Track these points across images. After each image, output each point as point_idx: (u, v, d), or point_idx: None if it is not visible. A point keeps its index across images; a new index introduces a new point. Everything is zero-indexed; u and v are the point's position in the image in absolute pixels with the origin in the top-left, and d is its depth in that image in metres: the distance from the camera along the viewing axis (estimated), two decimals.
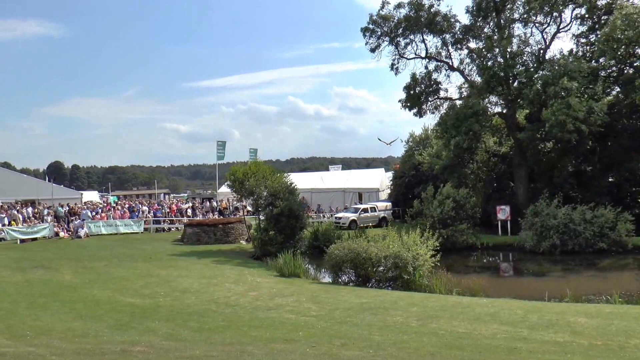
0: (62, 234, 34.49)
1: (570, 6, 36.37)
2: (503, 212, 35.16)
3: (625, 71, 34.06)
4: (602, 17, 36.01)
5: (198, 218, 41.22)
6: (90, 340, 10.53)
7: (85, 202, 43.67)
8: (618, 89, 35.28)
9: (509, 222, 34.82)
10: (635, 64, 31.62)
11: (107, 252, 27.78)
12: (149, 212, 41.20)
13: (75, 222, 35.54)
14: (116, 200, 56.04)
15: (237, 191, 32.27)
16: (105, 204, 45.26)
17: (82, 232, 34.29)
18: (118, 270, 21.94)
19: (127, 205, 43.90)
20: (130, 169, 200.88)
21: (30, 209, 35.64)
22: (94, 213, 38.22)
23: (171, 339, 10.68)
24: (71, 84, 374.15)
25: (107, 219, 38.03)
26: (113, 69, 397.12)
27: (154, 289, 17.77)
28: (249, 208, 39.01)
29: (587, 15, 36.94)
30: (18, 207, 35.44)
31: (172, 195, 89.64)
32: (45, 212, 36.17)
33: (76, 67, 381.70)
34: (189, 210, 43.75)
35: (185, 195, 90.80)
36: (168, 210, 42.81)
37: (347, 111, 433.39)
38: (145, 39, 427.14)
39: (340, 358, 8.82)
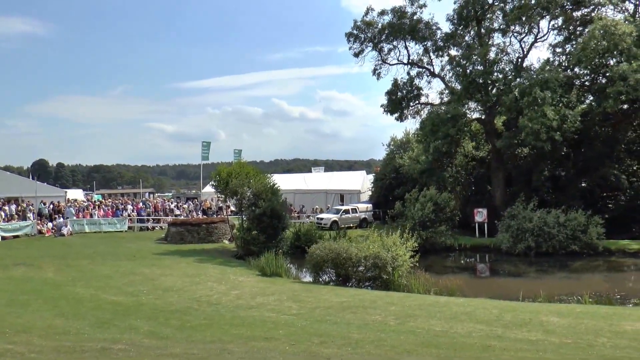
0: (44, 229, 34.50)
1: (547, 17, 37.02)
2: (480, 215, 35.63)
3: (598, 80, 34.79)
4: (578, 28, 36.82)
5: (182, 217, 41.29)
6: (71, 338, 10.51)
7: (68, 200, 43.50)
8: (591, 98, 35.98)
9: (486, 225, 35.29)
10: (607, 74, 32.28)
11: (90, 250, 27.75)
12: (132, 211, 41.21)
13: (59, 220, 35.47)
14: (100, 198, 55.77)
15: (221, 191, 32.40)
16: (89, 202, 45.14)
17: (65, 230, 34.26)
18: (101, 269, 21.93)
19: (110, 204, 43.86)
20: (116, 168, 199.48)
21: (13, 206, 35.38)
22: (77, 211, 38.16)
23: (152, 337, 10.75)
24: (57, 82, 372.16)
25: (90, 217, 38.00)
26: (100, 67, 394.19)
27: (137, 287, 17.84)
28: (232, 208, 39.11)
29: (563, 26, 37.70)
30: (0, 205, 35.24)
31: (156, 194, 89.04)
32: (28, 209, 36.02)
33: (62, 65, 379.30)
34: (175, 209, 43.83)
35: (170, 194, 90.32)
36: (152, 209, 42.84)
37: (332, 114, 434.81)
38: (132, 38, 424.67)
39: (319, 356, 8.98)
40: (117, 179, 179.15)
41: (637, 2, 36.13)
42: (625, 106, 32.50)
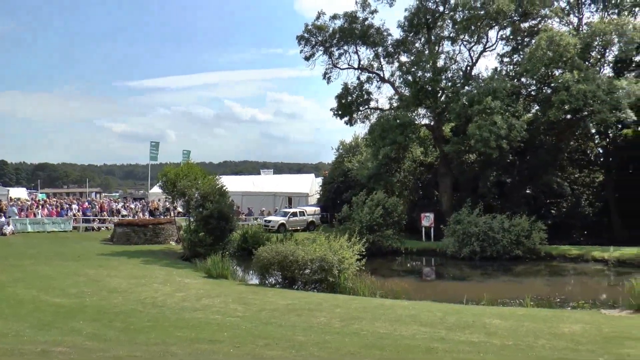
0: None
1: (496, 28, 37.96)
2: (427, 219, 36.12)
3: (544, 90, 35.87)
4: (525, 39, 37.92)
5: (129, 218, 40.59)
6: (9, 340, 10.29)
7: (11, 199, 42.27)
8: (537, 107, 37.08)
9: (432, 229, 35.79)
10: (552, 84, 33.29)
11: (34, 251, 27.03)
12: (78, 211, 40.29)
13: (0, 219, 34.37)
14: (45, 197, 54.38)
15: (169, 192, 32.02)
16: (33, 201, 43.98)
17: (7, 230, 33.25)
18: (45, 269, 21.34)
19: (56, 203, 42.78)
20: (62, 167, 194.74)
21: None
22: (20, 210, 37.10)
23: (95, 339, 10.59)
24: (2, 78, 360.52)
25: (34, 216, 37.00)
26: (47, 64, 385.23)
27: (81, 288, 17.41)
28: (179, 209, 38.69)
29: (511, 37, 38.79)
30: None
31: (103, 194, 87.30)
32: None
33: (8, 60, 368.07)
34: (122, 210, 43.08)
35: (117, 194, 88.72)
36: (98, 209, 42.00)
37: (282, 117, 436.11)
38: (83, 35, 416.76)
39: (263, 358, 9.06)
40: (62, 178, 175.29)
41: (581, 16, 37.42)
42: (569, 116, 33.50)
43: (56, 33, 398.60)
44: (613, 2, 35.47)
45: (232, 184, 41.05)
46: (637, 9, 35.83)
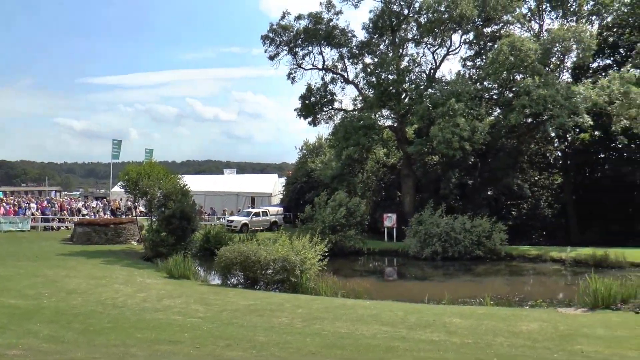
0: None
1: (459, 32, 38.55)
2: (390, 220, 36.31)
3: (505, 94, 36.51)
4: (488, 44, 38.61)
5: (89, 217, 39.92)
6: None
7: None
8: (499, 111, 37.73)
9: (395, 230, 36.04)
10: (513, 89, 33.93)
11: None
12: (37, 210, 39.46)
13: None
14: (1, 196, 53.13)
15: (131, 191, 31.61)
16: None
17: None
18: (0, 270, 20.82)
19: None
20: (20, 164, 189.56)
21: None
22: None
23: (52, 341, 10.35)
24: None
25: None
26: (4, 57, 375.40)
27: (39, 289, 16.96)
28: (141, 208, 38.24)
29: (474, 41, 39.57)
30: None
31: (63, 193, 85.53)
32: None
33: None
34: (83, 209, 42.36)
35: (77, 193, 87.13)
36: (58, 208, 41.21)
37: (246, 116, 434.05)
38: (42, 29, 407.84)
39: (224, 359, 9.01)
40: (21, 176, 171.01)
41: (542, 22, 38.28)
42: (529, 120, 34.21)
43: (15, 27, 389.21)
44: (572, 10, 36.37)
45: (194, 183, 40.83)
46: (593, 17, 36.90)
